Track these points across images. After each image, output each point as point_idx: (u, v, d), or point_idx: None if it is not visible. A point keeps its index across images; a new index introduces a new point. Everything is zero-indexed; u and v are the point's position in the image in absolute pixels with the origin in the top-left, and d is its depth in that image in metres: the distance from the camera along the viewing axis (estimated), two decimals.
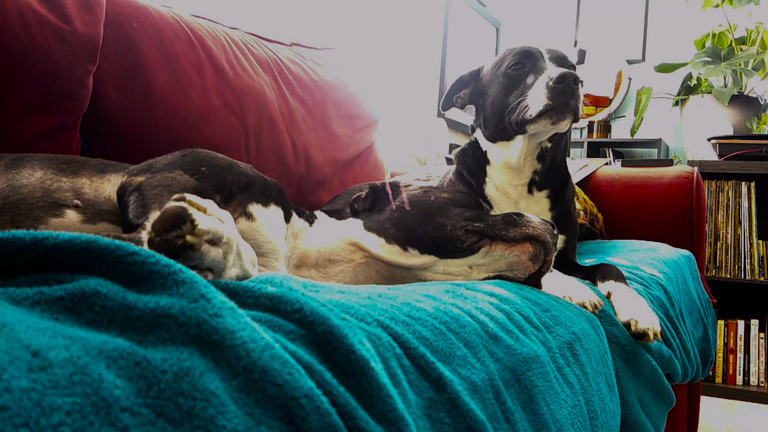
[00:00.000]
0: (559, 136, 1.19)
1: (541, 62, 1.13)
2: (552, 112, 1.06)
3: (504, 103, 1.16)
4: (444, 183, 1.31)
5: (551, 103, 1.05)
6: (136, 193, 0.67)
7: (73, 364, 0.28)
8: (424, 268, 0.87)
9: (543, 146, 1.18)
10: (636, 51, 3.84)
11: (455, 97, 1.29)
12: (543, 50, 1.16)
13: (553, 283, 0.94)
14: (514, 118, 1.13)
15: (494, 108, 1.19)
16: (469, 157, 1.26)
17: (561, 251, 1.22)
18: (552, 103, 1.05)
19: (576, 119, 1.09)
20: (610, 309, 1.00)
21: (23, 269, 0.38)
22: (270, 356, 0.35)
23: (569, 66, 1.16)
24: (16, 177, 0.72)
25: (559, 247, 1.22)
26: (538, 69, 1.12)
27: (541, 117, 1.07)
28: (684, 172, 1.90)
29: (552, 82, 1.04)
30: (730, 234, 2.89)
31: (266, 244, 0.79)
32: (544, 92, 1.05)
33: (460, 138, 3.65)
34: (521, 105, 1.11)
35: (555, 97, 1.04)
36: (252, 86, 1.41)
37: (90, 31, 1.07)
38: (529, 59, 1.14)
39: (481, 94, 1.25)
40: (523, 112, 1.10)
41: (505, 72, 1.16)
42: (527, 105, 1.09)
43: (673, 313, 1.22)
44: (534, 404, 0.59)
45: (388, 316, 0.52)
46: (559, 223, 1.21)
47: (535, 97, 1.07)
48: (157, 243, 0.47)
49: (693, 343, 1.30)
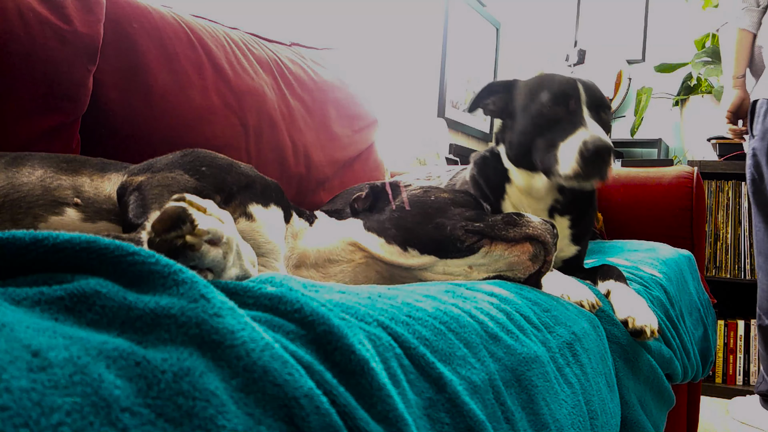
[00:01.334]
0: None
1: (578, 110, 1.08)
2: (580, 178, 1.04)
3: (533, 140, 1.12)
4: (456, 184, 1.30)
5: (581, 172, 1.02)
6: (136, 192, 0.67)
7: (73, 364, 0.28)
8: (424, 268, 0.87)
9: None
10: (636, 51, 3.84)
11: (483, 103, 1.24)
12: (581, 88, 1.10)
13: (552, 283, 0.93)
14: (540, 161, 1.10)
15: (522, 139, 1.15)
16: (489, 169, 1.23)
17: (574, 257, 1.22)
18: (582, 172, 1.02)
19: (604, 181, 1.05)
20: (610, 308, 1.00)
21: (23, 269, 0.38)
22: (270, 356, 0.35)
23: (605, 107, 1.12)
24: (17, 175, 0.72)
25: (572, 254, 1.22)
26: (574, 120, 1.07)
27: (569, 179, 1.05)
28: (684, 172, 1.90)
29: (587, 153, 1.01)
30: (730, 234, 2.89)
31: (266, 245, 0.79)
32: (576, 158, 1.02)
33: (460, 138, 3.65)
34: (550, 154, 1.07)
35: (586, 167, 1.01)
36: (252, 86, 1.41)
37: (90, 31, 1.07)
38: (566, 101, 1.09)
39: (510, 114, 1.20)
40: (550, 163, 1.07)
41: (539, 108, 1.11)
42: (557, 160, 1.06)
43: (673, 313, 1.22)
44: (534, 404, 0.59)
45: (388, 316, 0.52)
46: (577, 236, 1.20)
47: (566, 157, 1.04)
48: (157, 243, 0.47)
49: (693, 343, 1.30)
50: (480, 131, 3.91)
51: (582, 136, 1.03)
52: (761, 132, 2.22)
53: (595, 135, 1.02)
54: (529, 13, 4.14)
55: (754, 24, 2.26)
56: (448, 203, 0.91)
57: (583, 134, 1.03)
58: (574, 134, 1.04)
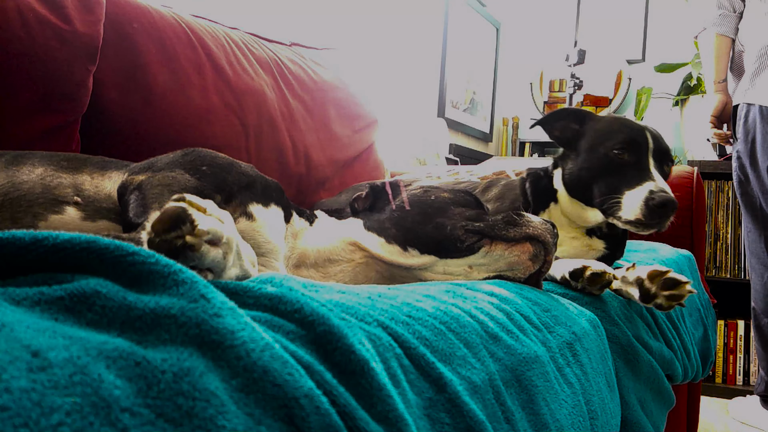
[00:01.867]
0: None
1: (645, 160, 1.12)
2: (641, 226, 1.07)
3: (595, 180, 1.15)
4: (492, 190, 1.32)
5: (644, 221, 1.06)
6: (136, 191, 0.67)
7: (73, 365, 0.28)
8: (424, 267, 0.87)
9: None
10: (636, 51, 3.84)
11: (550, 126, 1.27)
12: (650, 138, 1.13)
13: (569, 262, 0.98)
14: (599, 201, 1.13)
15: (584, 175, 1.17)
16: (540, 185, 1.26)
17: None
18: (645, 221, 1.06)
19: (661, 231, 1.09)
20: (610, 308, 1.00)
21: (23, 269, 0.38)
22: (270, 356, 0.35)
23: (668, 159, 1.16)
24: (17, 174, 0.72)
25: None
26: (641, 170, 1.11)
27: (629, 224, 1.09)
28: (684, 172, 1.90)
29: (653, 204, 1.04)
30: (730, 234, 2.89)
31: (266, 244, 0.79)
32: (641, 207, 1.06)
33: (460, 138, 3.65)
34: (612, 199, 1.11)
35: (650, 217, 1.05)
36: (252, 86, 1.41)
37: (90, 31, 1.07)
38: (635, 150, 1.12)
39: (574, 147, 1.22)
40: (611, 207, 1.11)
41: (607, 152, 1.14)
42: (619, 206, 1.09)
43: (674, 314, 1.22)
44: (534, 404, 0.59)
45: (388, 316, 0.52)
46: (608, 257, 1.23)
47: (631, 205, 1.08)
48: (157, 243, 0.47)
49: (693, 343, 1.30)
50: (480, 131, 3.91)
51: (649, 186, 1.07)
52: (743, 135, 2.23)
53: (662, 188, 1.07)
54: (529, 13, 4.14)
55: (731, 29, 2.28)
56: (448, 203, 0.91)
57: (650, 185, 1.07)
58: (641, 185, 1.08)
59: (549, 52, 3.96)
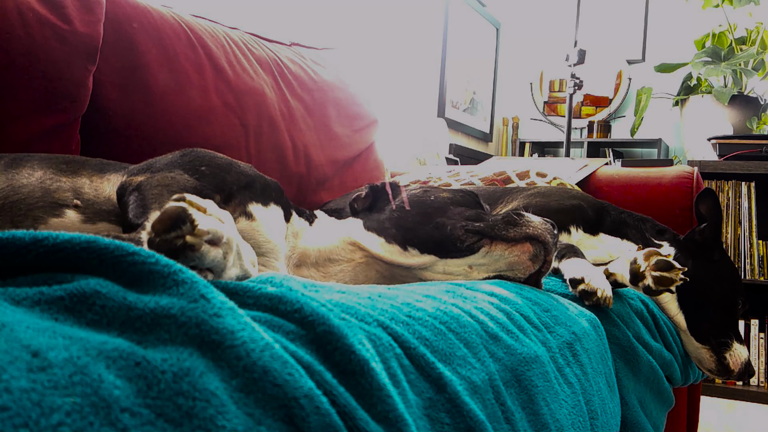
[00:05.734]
0: None
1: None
2: (712, 372, 1.24)
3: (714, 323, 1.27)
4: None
5: (714, 370, 1.22)
6: (135, 192, 0.67)
7: (72, 365, 0.28)
8: (424, 267, 0.87)
9: None
10: (636, 51, 3.84)
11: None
12: None
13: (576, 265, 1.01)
14: (714, 343, 1.26)
15: (709, 316, 1.28)
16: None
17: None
18: (715, 371, 1.23)
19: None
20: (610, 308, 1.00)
21: (23, 269, 0.38)
22: (270, 356, 0.35)
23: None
24: (16, 177, 0.72)
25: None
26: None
27: (706, 370, 1.25)
28: (684, 172, 1.89)
29: (736, 371, 1.22)
30: (730, 234, 2.89)
31: (266, 244, 0.79)
32: (723, 369, 1.22)
33: (460, 138, 3.65)
34: (721, 354, 1.23)
35: (726, 373, 1.24)
36: (252, 86, 1.41)
37: (90, 31, 1.07)
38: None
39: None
40: (720, 360, 1.24)
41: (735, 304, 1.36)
42: (725, 361, 1.22)
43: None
44: (534, 404, 0.59)
45: (388, 316, 0.52)
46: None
47: (726, 363, 1.23)
48: (157, 243, 0.47)
49: None
50: (480, 131, 3.91)
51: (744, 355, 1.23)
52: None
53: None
54: (529, 13, 4.13)
55: None
56: (448, 203, 0.91)
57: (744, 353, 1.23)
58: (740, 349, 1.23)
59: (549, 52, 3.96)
